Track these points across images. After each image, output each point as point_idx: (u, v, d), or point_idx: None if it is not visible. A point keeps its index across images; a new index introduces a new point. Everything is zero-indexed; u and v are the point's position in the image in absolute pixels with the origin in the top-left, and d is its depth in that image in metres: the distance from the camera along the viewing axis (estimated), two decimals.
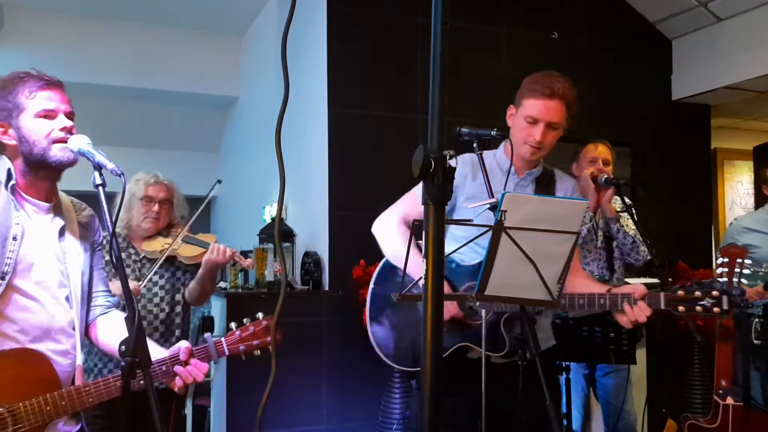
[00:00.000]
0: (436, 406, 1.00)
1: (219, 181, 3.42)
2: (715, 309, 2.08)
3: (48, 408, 1.65)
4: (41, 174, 1.77)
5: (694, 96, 5.07)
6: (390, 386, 3.52)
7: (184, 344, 1.84)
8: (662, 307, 2.10)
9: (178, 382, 1.81)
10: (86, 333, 1.92)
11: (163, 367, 1.79)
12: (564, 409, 3.03)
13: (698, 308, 2.09)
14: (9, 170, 1.75)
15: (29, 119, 1.73)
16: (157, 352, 1.85)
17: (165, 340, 2.85)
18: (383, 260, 2.42)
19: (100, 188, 1.67)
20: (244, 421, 3.56)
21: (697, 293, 2.11)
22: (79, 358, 1.82)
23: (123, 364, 1.56)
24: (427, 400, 1.00)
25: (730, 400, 2.93)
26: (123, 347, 1.58)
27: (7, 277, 1.67)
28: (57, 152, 1.73)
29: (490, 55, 4.62)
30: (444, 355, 2.15)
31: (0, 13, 5.52)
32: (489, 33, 4.64)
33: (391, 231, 2.33)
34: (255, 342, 1.89)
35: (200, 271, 2.83)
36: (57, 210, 1.84)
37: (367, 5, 4.33)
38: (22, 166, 1.76)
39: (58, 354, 1.76)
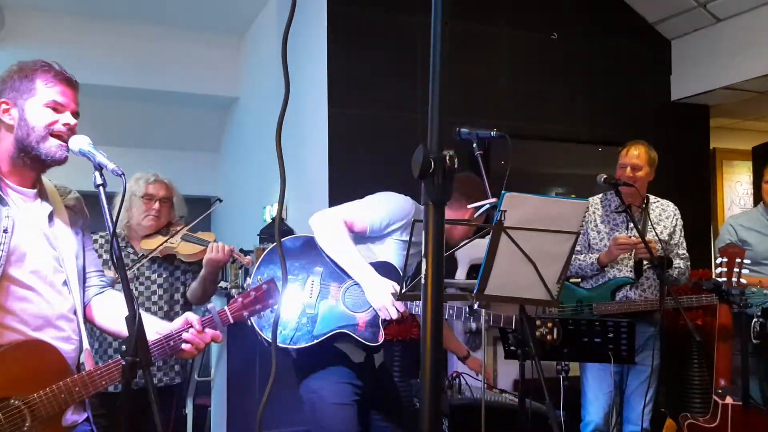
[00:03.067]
0: (436, 406, 1.00)
1: (219, 200, 3.65)
2: None
3: (63, 396, 1.65)
4: (28, 162, 1.76)
5: (693, 96, 5.08)
6: None
7: (191, 316, 1.83)
8: None
9: (187, 347, 1.80)
10: (84, 314, 1.90)
11: (171, 343, 1.79)
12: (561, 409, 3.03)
13: None
14: None
15: (37, 105, 1.74)
16: (163, 326, 1.85)
17: None
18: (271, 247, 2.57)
19: (101, 188, 1.68)
20: (244, 421, 3.56)
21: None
22: (86, 342, 1.82)
23: (124, 363, 1.57)
24: (428, 400, 1.00)
25: (729, 400, 2.94)
26: (123, 347, 1.58)
27: (0, 269, 1.67)
28: (51, 146, 1.73)
29: (490, 55, 4.62)
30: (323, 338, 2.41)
31: (0, 13, 5.52)
32: (489, 33, 4.65)
33: (337, 230, 2.43)
34: (258, 306, 1.94)
35: (202, 272, 2.82)
36: (42, 196, 1.83)
37: (367, 5, 4.33)
38: (11, 150, 1.75)
39: (61, 341, 1.76)
